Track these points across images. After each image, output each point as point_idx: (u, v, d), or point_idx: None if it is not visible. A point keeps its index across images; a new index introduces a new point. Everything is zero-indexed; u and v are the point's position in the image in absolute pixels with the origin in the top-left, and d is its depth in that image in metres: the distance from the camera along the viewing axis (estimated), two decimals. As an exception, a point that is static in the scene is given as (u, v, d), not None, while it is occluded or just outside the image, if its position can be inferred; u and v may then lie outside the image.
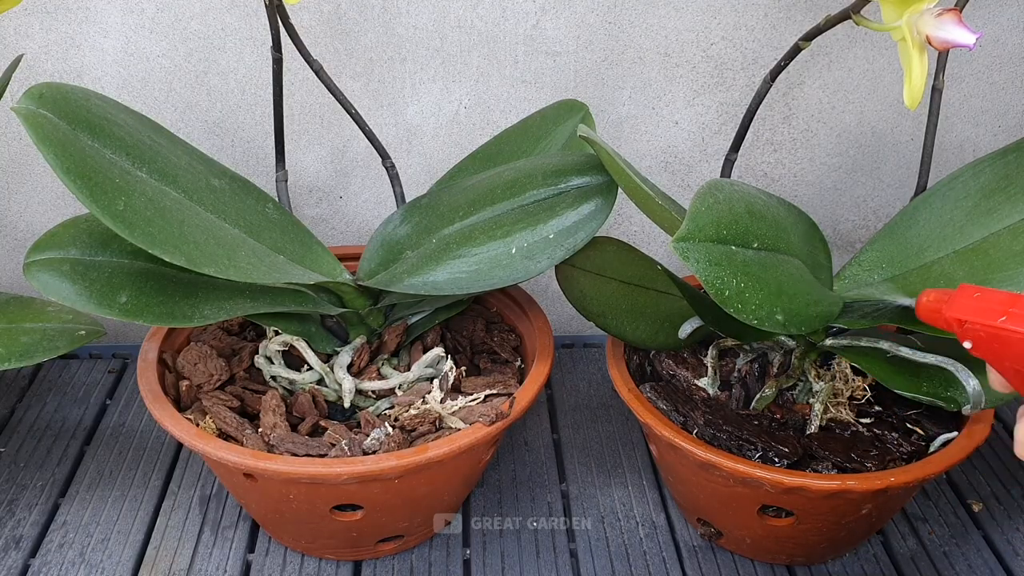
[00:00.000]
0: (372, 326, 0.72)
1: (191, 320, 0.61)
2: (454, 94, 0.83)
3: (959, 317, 0.39)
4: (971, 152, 0.87)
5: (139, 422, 0.85)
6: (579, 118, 0.74)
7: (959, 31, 0.54)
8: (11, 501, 0.76)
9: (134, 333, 0.94)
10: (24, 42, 0.80)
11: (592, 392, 0.90)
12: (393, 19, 0.80)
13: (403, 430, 0.66)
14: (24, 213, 0.88)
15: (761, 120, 0.85)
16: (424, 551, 0.71)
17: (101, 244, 0.62)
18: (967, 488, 0.79)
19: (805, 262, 0.62)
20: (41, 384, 0.90)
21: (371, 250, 0.71)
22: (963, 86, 0.84)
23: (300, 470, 0.60)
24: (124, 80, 0.82)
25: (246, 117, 0.84)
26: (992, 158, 0.67)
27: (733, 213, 0.57)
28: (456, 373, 0.69)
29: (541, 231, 0.64)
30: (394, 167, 0.75)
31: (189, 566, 0.70)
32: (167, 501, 0.76)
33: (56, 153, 0.53)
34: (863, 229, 0.92)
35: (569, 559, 0.71)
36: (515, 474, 0.79)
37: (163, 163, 0.61)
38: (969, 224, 0.65)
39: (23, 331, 0.70)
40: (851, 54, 0.82)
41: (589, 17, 0.80)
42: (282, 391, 0.71)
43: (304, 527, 0.67)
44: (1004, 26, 0.81)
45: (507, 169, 0.69)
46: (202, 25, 0.80)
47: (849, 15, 0.60)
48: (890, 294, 0.63)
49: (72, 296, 0.58)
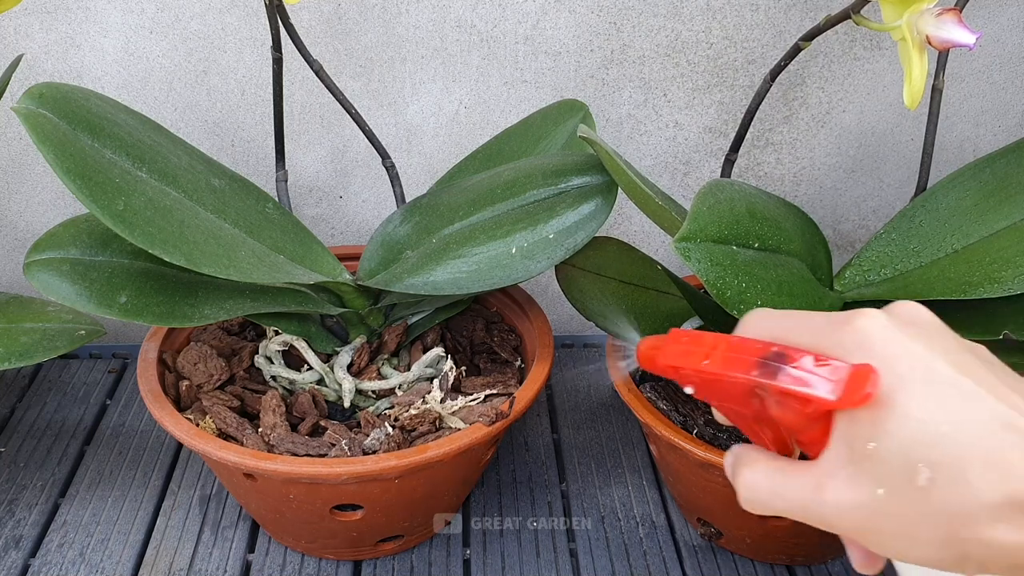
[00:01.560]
0: (372, 326, 0.72)
1: (191, 320, 0.61)
2: (454, 94, 0.83)
3: (672, 364, 0.38)
4: (971, 152, 0.87)
5: (139, 422, 0.85)
6: (579, 118, 0.74)
7: (959, 31, 0.54)
8: (11, 501, 0.76)
9: (134, 333, 0.94)
10: (24, 42, 0.80)
11: (592, 392, 0.90)
12: (393, 19, 0.80)
13: (403, 430, 0.66)
14: (24, 213, 0.88)
15: (761, 120, 0.85)
16: (424, 551, 0.71)
17: (101, 244, 0.61)
18: (967, 488, 0.79)
19: (805, 262, 0.62)
20: (41, 384, 0.90)
21: (371, 250, 0.71)
22: (963, 86, 0.84)
23: (300, 470, 0.60)
24: (124, 80, 0.82)
25: (246, 117, 0.84)
26: (992, 158, 0.67)
27: (734, 213, 0.57)
28: (456, 373, 0.69)
29: (541, 231, 0.64)
30: (394, 167, 0.75)
31: (189, 566, 0.70)
32: (167, 501, 0.76)
33: (56, 153, 0.53)
34: (863, 229, 0.92)
35: (569, 559, 0.71)
36: (515, 474, 0.79)
37: (163, 163, 0.61)
38: (969, 224, 0.65)
39: (23, 331, 0.70)
40: (851, 54, 0.82)
41: (589, 17, 0.80)
42: (282, 391, 0.71)
43: (304, 527, 0.67)
44: (1004, 26, 0.81)
45: (507, 169, 0.69)
46: (202, 25, 0.79)
47: (849, 15, 0.60)
48: (890, 296, 0.64)
49: (72, 296, 0.58)
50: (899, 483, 0.32)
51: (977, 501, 0.30)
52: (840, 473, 0.33)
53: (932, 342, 0.33)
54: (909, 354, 0.33)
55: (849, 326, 0.34)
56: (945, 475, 0.31)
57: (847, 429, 0.33)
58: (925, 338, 0.33)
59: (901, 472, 0.31)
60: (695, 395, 0.38)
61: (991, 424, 0.31)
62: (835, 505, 0.33)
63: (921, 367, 0.32)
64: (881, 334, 0.33)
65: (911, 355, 0.33)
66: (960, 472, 0.31)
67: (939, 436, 0.31)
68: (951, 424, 0.31)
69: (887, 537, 0.32)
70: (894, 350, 0.33)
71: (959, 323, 0.61)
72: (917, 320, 0.35)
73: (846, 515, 0.33)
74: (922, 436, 0.31)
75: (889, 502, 0.32)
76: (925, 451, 0.31)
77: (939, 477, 0.31)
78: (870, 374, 0.32)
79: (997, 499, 0.30)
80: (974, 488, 0.30)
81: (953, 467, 0.31)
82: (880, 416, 0.32)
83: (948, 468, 0.31)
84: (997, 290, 0.58)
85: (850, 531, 0.33)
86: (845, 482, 0.33)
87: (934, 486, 0.31)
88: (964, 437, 0.31)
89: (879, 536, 0.33)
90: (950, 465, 0.31)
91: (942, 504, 0.31)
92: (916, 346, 0.33)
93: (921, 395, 0.32)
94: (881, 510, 0.32)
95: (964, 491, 0.30)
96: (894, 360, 0.33)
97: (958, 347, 0.34)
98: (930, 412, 0.31)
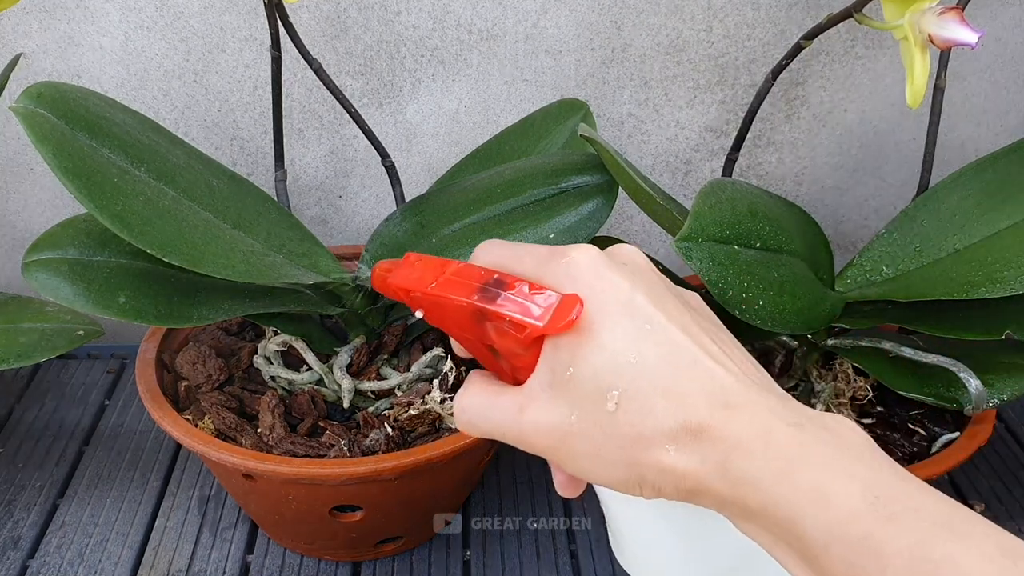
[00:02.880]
0: (371, 326, 0.72)
1: (190, 320, 0.60)
2: (454, 93, 0.83)
3: (402, 286, 0.38)
4: (973, 151, 0.87)
5: (138, 422, 0.84)
6: (580, 117, 0.74)
7: (961, 30, 0.54)
8: (9, 502, 0.76)
9: (133, 333, 0.94)
10: (23, 41, 0.79)
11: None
12: (393, 18, 0.80)
13: (402, 430, 0.65)
14: (22, 213, 0.88)
15: (763, 119, 0.85)
16: (424, 552, 0.71)
17: (100, 244, 0.61)
18: (969, 488, 0.78)
19: (807, 262, 0.62)
20: (40, 384, 0.90)
21: (371, 250, 0.71)
22: (965, 85, 0.84)
23: (299, 471, 0.59)
24: (123, 79, 0.81)
25: (245, 116, 0.84)
26: (994, 157, 0.67)
27: (735, 213, 0.57)
28: (456, 373, 0.69)
29: (541, 230, 0.64)
30: (394, 166, 0.75)
31: (188, 567, 0.70)
32: (166, 502, 0.76)
33: (54, 152, 0.53)
34: (865, 229, 0.91)
35: (569, 559, 0.71)
36: (515, 474, 0.79)
37: (162, 162, 0.61)
38: (971, 223, 0.65)
39: (21, 331, 0.69)
40: (853, 53, 0.82)
41: (590, 16, 0.80)
42: (281, 391, 0.70)
43: (303, 528, 0.67)
44: (1006, 25, 0.81)
45: (507, 168, 0.69)
46: (201, 24, 0.79)
47: (851, 14, 0.59)
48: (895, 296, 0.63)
49: (71, 296, 0.58)
50: (590, 407, 0.34)
51: (655, 427, 0.32)
52: (540, 396, 0.35)
53: (637, 280, 0.35)
54: (613, 288, 0.35)
55: (564, 258, 0.36)
56: (630, 402, 0.33)
57: (551, 355, 0.35)
58: (632, 276, 0.35)
59: (593, 397, 0.33)
60: (426, 319, 0.39)
61: (675, 358, 0.33)
62: (533, 426, 0.35)
63: (622, 301, 0.34)
64: (591, 267, 0.35)
65: (615, 289, 0.35)
66: (644, 399, 0.33)
67: (627, 365, 0.33)
68: (639, 355, 0.33)
69: (579, 457, 0.35)
70: (600, 284, 0.35)
71: (961, 323, 0.61)
72: (629, 261, 0.37)
73: (542, 436, 0.35)
74: (612, 364, 0.33)
75: (581, 425, 0.34)
76: (614, 378, 0.33)
77: (624, 403, 0.33)
78: (576, 303, 0.34)
79: (672, 426, 0.32)
80: (654, 415, 0.32)
81: (637, 395, 0.33)
82: (579, 343, 0.34)
83: (633, 396, 0.33)
84: (999, 290, 0.58)
85: (545, 451, 0.36)
86: (544, 404, 0.35)
87: (620, 411, 0.33)
88: (649, 368, 0.33)
89: (571, 456, 0.35)
90: (635, 393, 0.33)
91: (626, 428, 0.33)
92: (622, 281, 0.35)
93: (617, 326, 0.34)
94: (573, 431, 0.34)
95: (645, 417, 0.33)
96: (599, 292, 0.35)
97: (664, 290, 0.36)
98: (622, 342, 0.33)
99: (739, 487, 0.31)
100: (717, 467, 0.32)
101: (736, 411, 0.32)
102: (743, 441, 0.32)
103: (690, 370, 0.33)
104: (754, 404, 0.33)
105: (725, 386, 0.33)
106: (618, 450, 0.33)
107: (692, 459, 0.32)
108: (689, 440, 0.32)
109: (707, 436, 0.32)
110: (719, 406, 0.32)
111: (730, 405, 0.32)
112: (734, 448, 0.32)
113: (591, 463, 0.34)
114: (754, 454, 0.31)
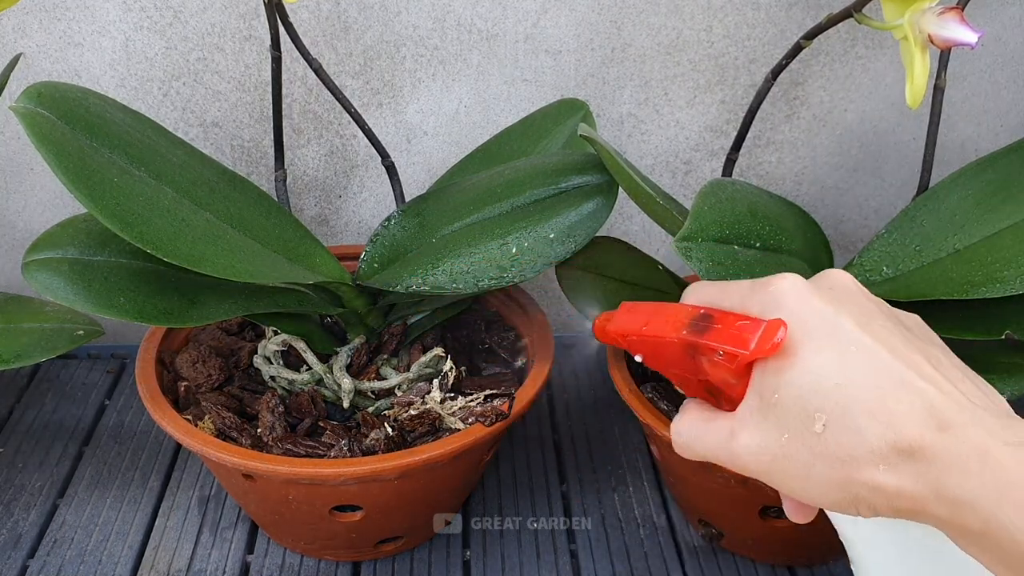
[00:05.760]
0: (371, 326, 0.72)
1: (190, 320, 0.60)
2: (454, 93, 0.83)
3: (619, 331, 0.40)
4: (973, 151, 0.87)
5: (138, 422, 0.84)
6: (580, 117, 0.74)
7: (961, 29, 0.54)
8: (9, 501, 0.76)
9: (132, 333, 0.94)
10: (22, 41, 0.79)
11: (593, 392, 0.90)
12: (393, 18, 0.80)
13: (402, 430, 0.65)
14: (22, 213, 0.88)
15: (762, 119, 0.85)
16: (424, 552, 0.71)
17: (99, 244, 0.61)
18: (969, 488, 0.78)
19: (807, 262, 0.62)
20: (39, 384, 0.90)
21: (370, 250, 0.71)
22: (965, 85, 0.84)
23: (299, 471, 0.59)
24: (122, 79, 0.81)
25: (245, 116, 0.84)
26: (994, 157, 0.67)
27: (735, 213, 0.57)
28: (455, 373, 0.69)
29: (541, 230, 0.64)
30: (393, 166, 0.75)
31: (188, 567, 0.70)
32: (166, 502, 0.76)
33: (54, 152, 0.53)
34: (865, 229, 0.91)
35: (569, 560, 0.71)
36: (515, 474, 0.79)
37: (161, 162, 0.61)
38: (971, 223, 0.65)
39: (21, 331, 0.69)
40: (853, 53, 0.82)
41: (590, 15, 0.80)
42: (281, 391, 0.70)
43: (303, 528, 0.67)
44: (1006, 24, 0.81)
45: (507, 168, 0.69)
46: (201, 24, 0.79)
47: (851, 13, 0.59)
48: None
49: (70, 296, 0.58)
50: (798, 429, 0.34)
51: (864, 446, 0.33)
52: (750, 420, 0.36)
53: (843, 303, 0.36)
54: (817, 312, 0.36)
55: (768, 288, 0.37)
56: (836, 423, 0.34)
57: (759, 380, 0.36)
58: (837, 300, 0.36)
59: (800, 419, 0.34)
60: (645, 362, 0.40)
61: (882, 379, 0.34)
62: (744, 449, 0.36)
63: (826, 324, 0.35)
64: (794, 293, 0.36)
65: (819, 313, 0.36)
66: (850, 420, 0.33)
67: (832, 387, 0.34)
68: (844, 377, 0.34)
69: (791, 479, 0.35)
70: (804, 309, 0.36)
71: (961, 323, 0.61)
72: (837, 285, 0.38)
73: (754, 458, 0.36)
74: (818, 387, 0.34)
75: (790, 447, 0.35)
76: (820, 400, 0.34)
77: (831, 424, 0.34)
78: (779, 327, 0.35)
79: (881, 446, 0.33)
80: (861, 435, 0.33)
81: (844, 416, 0.33)
82: (784, 367, 0.35)
83: (839, 417, 0.33)
84: (999, 290, 0.58)
85: (759, 474, 0.37)
86: (754, 428, 0.36)
87: (827, 432, 0.34)
88: (856, 390, 0.34)
89: (784, 478, 0.36)
90: (841, 414, 0.33)
91: (835, 449, 0.34)
92: (826, 306, 0.36)
93: (821, 350, 0.35)
94: (783, 453, 0.35)
95: (853, 438, 0.33)
96: (803, 317, 0.36)
97: (875, 312, 0.37)
98: (827, 365, 0.34)
99: (956, 508, 0.31)
100: (931, 487, 0.32)
101: (949, 431, 0.32)
102: (957, 461, 0.31)
103: (898, 390, 0.33)
104: (968, 424, 0.32)
105: (936, 405, 0.33)
106: (829, 470, 0.34)
107: (905, 479, 0.32)
108: (900, 460, 0.32)
109: (919, 456, 0.32)
110: (931, 426, 0.32)
111: (943, 425, 0.32)
112: (948, 468, 0.31)
113: (804, 484, 0.35)
114: (969, 474, 0.31)
